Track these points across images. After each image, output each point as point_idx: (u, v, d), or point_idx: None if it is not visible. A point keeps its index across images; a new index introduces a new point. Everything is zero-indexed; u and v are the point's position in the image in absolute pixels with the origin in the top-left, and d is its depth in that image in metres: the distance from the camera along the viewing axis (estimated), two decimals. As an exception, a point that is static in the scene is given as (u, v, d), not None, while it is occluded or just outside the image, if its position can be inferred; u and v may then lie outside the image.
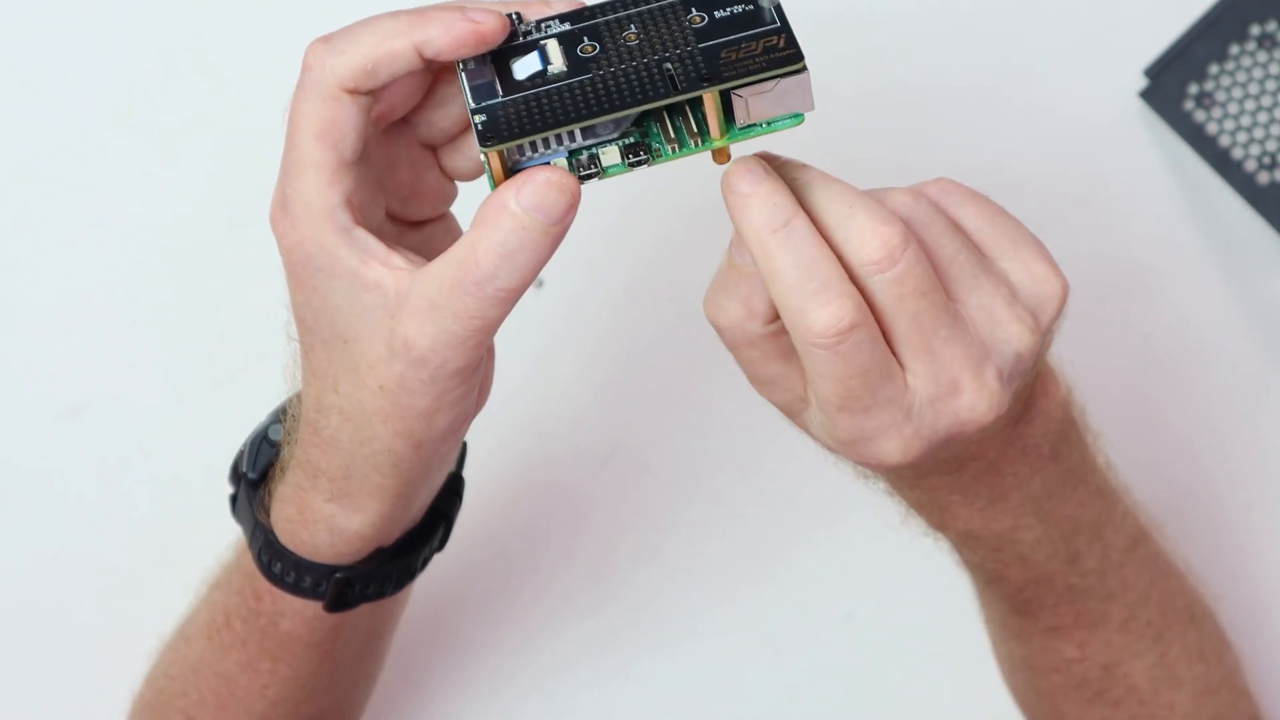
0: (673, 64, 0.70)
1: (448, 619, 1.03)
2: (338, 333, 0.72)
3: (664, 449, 1.05)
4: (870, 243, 0.68)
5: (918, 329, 0.69)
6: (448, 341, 0.70)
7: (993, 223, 0.73)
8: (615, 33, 0.71)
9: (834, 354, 0.68)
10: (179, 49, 1.07)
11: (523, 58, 0.71)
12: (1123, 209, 1.08)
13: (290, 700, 0.85)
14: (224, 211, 1.05)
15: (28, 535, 1.03)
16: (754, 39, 0.71)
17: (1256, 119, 1.07)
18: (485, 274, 0.69)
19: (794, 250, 0.68)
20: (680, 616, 1.04)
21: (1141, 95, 1.08)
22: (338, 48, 0.71)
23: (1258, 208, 1.07)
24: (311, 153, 0.71)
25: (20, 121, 1.06)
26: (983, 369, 0.70)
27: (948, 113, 1.08)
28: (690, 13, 0.71)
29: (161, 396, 1.04)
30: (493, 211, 0.69)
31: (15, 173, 1.06)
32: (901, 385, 0.69)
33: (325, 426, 0.75)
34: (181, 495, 1.02)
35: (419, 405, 0.72)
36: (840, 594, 1.05)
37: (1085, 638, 0.85)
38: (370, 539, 0.79)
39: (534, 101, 0.70)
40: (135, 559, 1.02)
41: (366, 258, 0.71)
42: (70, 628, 1.02)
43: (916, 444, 0.70)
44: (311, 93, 0.71)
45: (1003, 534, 0.80)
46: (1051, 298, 0.72)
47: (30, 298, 1.05)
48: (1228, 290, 1.08)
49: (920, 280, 0.69)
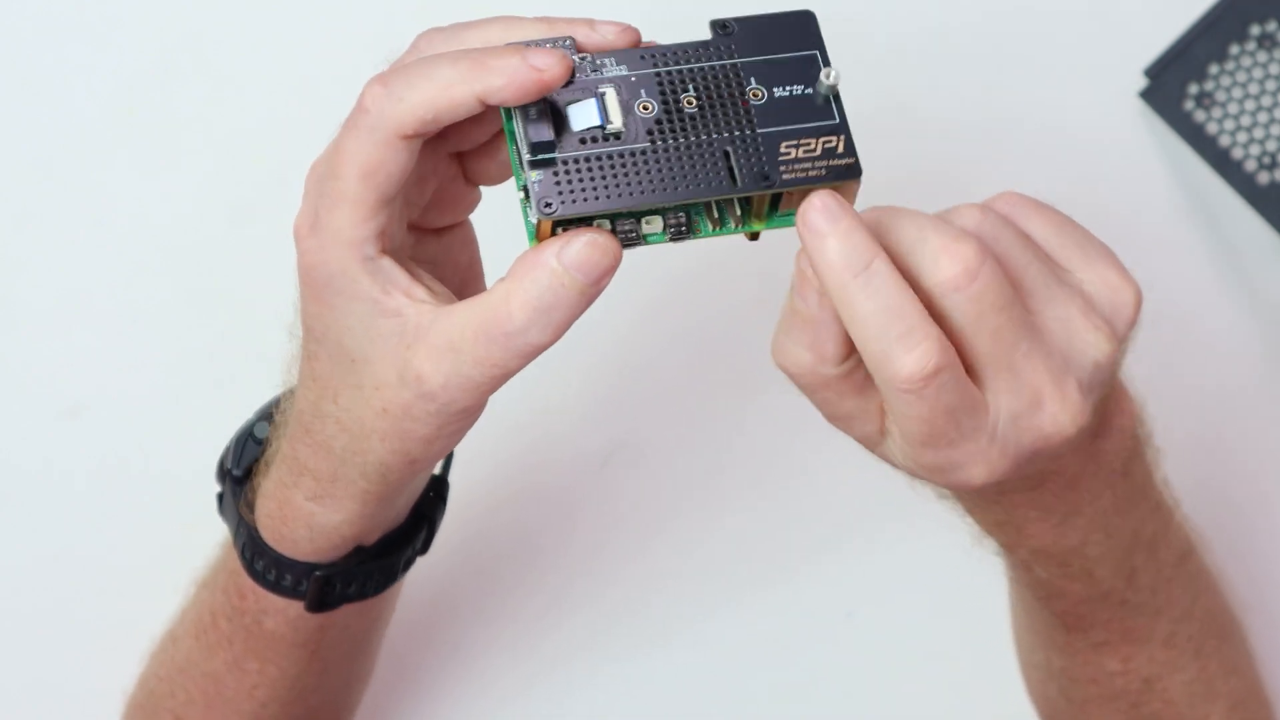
0: (733, 149, 0.70)
1: (447, 619, 1.03)
2: (346, 351, 0.72)
3: (664, 450, 1.05)
4: (945, 261, 0.68)
5: (998, 344, 0.68)
6: (461, 384, 0.70)
7: (1061, 233, 0.72)
8: (674, 91, 0.70)
9: (919, 397, 0.67)
10: (179, 49, 1.07)
11: (579, 104, 0.70)
12: (1123, 209, 1.08)
13: (279, 701, 0.85)
14: (224, 211, 1.05)
15: (28, 535, 1.03)
16: (813, 134, 0.70)
17: (1256, 119, 1.07)
18: (517, 327, 0.69)
19: (876, 295, 0.67)
20: (680, 617, 1.04)
21: (1141, 95, 1.08)
22: (396, 93, 0.69)
23: (1258, 208, 1.07)
24: (354, 189, 0.70)
25: (20, 121, 1.06)
26: (1064, 381, 0.69)
27: (947, 113, 1.08)
28: (750, 83, 0.71)
29: (161, 396, 1.04)
30: (531, 266, 0.69)
31: (15, 173, 1.06)
32: (985, 413, 0.69)
33: (319, 431, 0.75)
34: (181, 495, 1.02)
35: (420, 432, 0.72)
36: (840, 594, 1.05)
37: (1131, 652, 0.85)
38: (349, 538, 0.79)
39: (592, 167, 0.69)
40: (135, 559, 1.02)
41: (389, 287, 0.71)
42: (70, 628, 1.02)
43: (1003, 463, 0.70)
44: (365, 134, 0.69)
45: (1071, 549, 0.79)
46: (1126, 305, 0.71)
47: (30, 298, 1.05)
48: (1228, 290, 1.08)
49: (999, 295, 0.68)
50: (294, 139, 1.06)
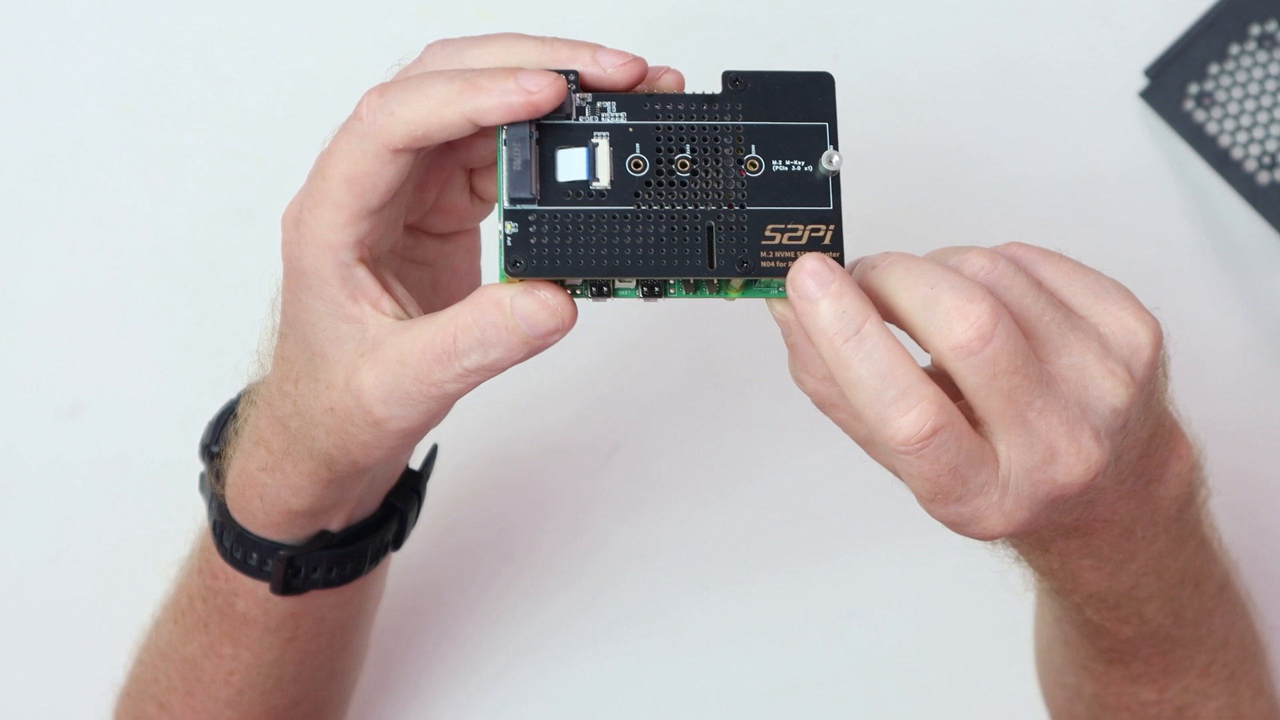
0: (716, 225, 0.69)
1: (446, 619, 1.03)
2: (309, 343, 0.73)
3: (664, 449, 1.05)
4: (960, 326, 0.67)
5: (1011, 404, 0.67)
6: (399, 399, 0.71)
7: (1072, 279, 0.71)
8: (669, 150, 0.69)
9: (919, 458, 0.67)
10: (178, 48, 1.07)
11: (569, 150, 0.69)
12: (1123, 209, 1.08)
13: (256, 689, 0.86)
14: (224, 211, 1.05)
15: (27, 534, 1.03)
16: (804, 220, 0.69)
17: (1256, 119, 1.07)
18: (458, 349, 0.69)
19: (869, 360, 0.67)
20: (680, 617, 1.04)
21: (1141, 95, 1.08)
22: (389, 107, 0.69)
23: (1258, 208, 1.07)
24: (336, 192, 0.70)
25: (20, 121, 1.06)
26: (1079, 432, 0.68)
27: (947, 113, 1.08)
28: (750, 151, 0.69)
29: (161, 396, 1.04)
30: (486, 300, 0.69)
31: (15, 172, 1.06)
32: (994, 467, 0.68)
33: (279, 407, 0.76)
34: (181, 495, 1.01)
35: (360, 438, 0.73)
36: (841, 594, 1.04)
37: (1167, 683, 0.84)
38: (298, 513, 0.79)
39: (569, 228, 0.68)
40: (135, 558, 1.02)
41: (358, 294, 0.71)
42: (69, 627, 1.02)
43: (1018, 514, 0.69)
44: (355, 141, 0.70)
45: (1124, 592, 0.78)
46: (1144, 346, 0.70)
47: (30, 298, 1.05)
48: (1228, 290, 1.08)
49: (1013, 357, 0.67)
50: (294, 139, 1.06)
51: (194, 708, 0.87)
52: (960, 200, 1.07)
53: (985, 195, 1.08)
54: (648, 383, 1.06)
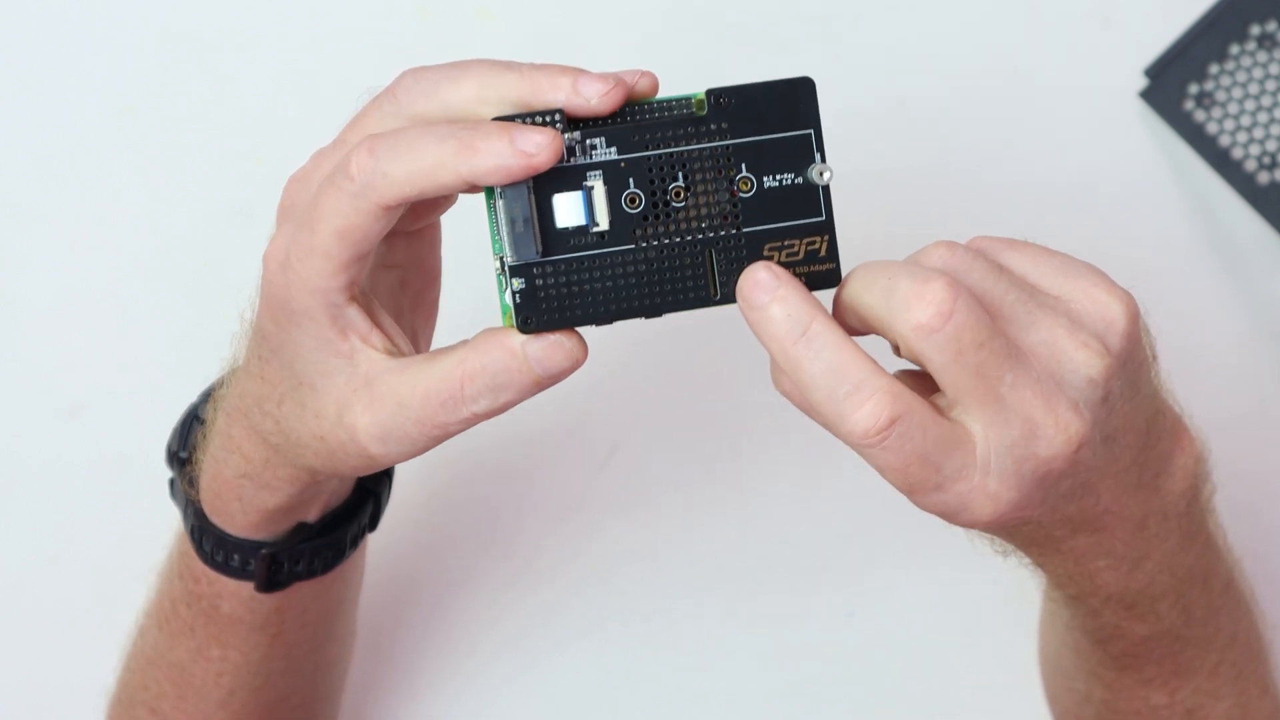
0: (715, 251, 0.69)
1: (445, 619, 1.03)
2: (295, 372, 0.73)
3: (664, 449, 1.05)
4: (917, 307, 0.67)
5: (981, 380, 0.67)
6: (398, 439, 0.71)
7: (1039, 263, 0.71)
8: (662, 179, 0.69)
9: (883, 450, 0.67)
10: (178, 48, 1.07)
11: (565, 195, 0.69)
12: (1123, 209, 1.08)
13: (246, 687, 0.86)
14: (224, 211, 1.05)
15: (27, 535, 1.03)
16: (798, 234, 0.70)
17: (1256, 119, 1.07)
18: (465, 394, 0.70)
19: (818, 358, 0.67)
20: (680, 617, 1.04)
21: (1141, 95, 1.08)
22: (383, 168, 0.69)
23: (1258, 208, 1.07)
24: (327, 244, 0.70)
25: (20, 121, 1.06)
26: (1055, 403, 0.68)
27: (947, 114, 1.08)
28: (740, 171, 0.69)
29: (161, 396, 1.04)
30: (494, 345, 0.70)
31: (14, 172, 1.06)
32: (970, 448, 0.68)
33: (258, 423, 0.76)
34: (181, 495, 1.02)
35: (350, 464, 0.74)
36: (841, 595, 1.04)
37: (1178, 685, 0.84)
38: (278, 511, 0.80)
39: (573, 277, 0.68)
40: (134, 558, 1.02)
41: (348, 330, 0.71)
42: (70, 627, 1.02)
43: (1006, 494, 0.69)
44: (348, 200, 0.69)
45: (1139, 591, 0.78)
46: (1117, 319, 0.70)
47: (30, 297, 1.05)
48: (1228, 290, 1.08)
49: (976, 331, 0.67)
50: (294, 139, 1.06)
51: (186, 711, 0.87)
52: (959, 200, 1.07)
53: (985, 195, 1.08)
54: (647, 382, 1.06)
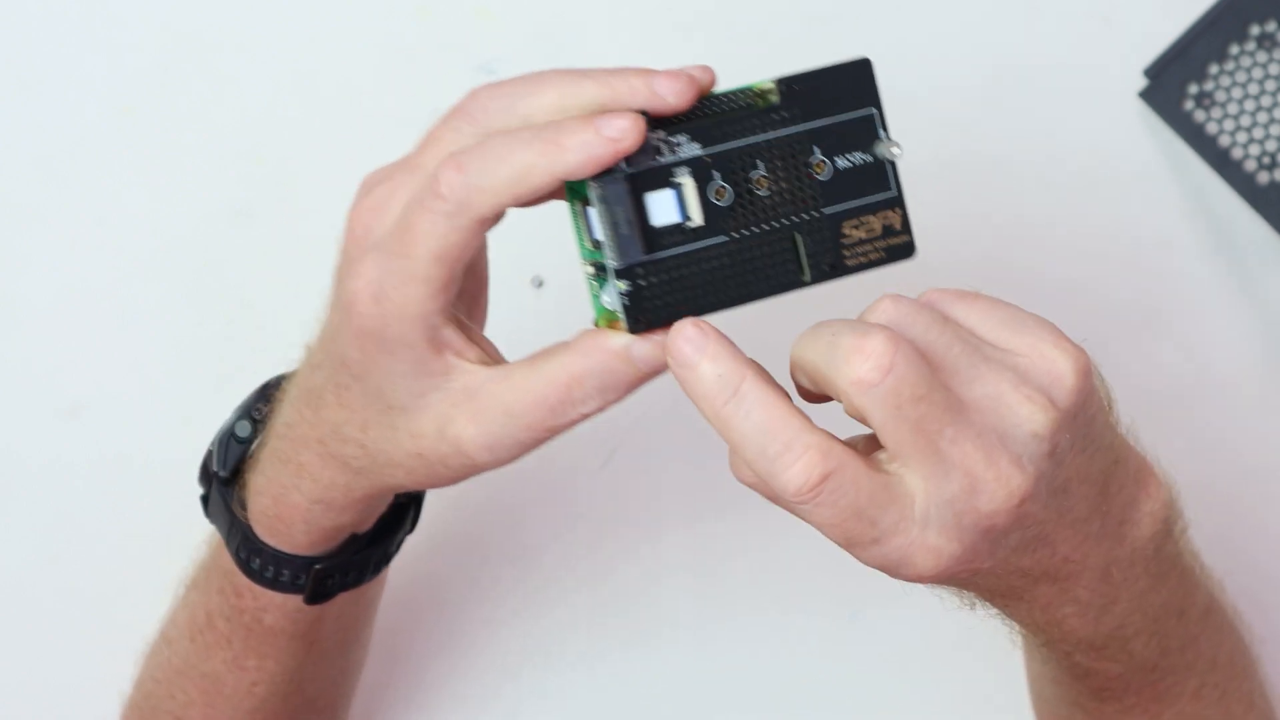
0: (801, 235, 0.70)
1: (447, 620, 1.03)
2: (384, 397, 0.73)
3: (664, 449, 1.05)
4: (856, 361, 0.66)
5: (921, 434, 0.67)
6: (508, 446, 0.72)
7: (988, 316, 0.71)
8: (745, 169, 0.70)
9: (816, 506, 0.67)
10: (178, 48, 1.07)
11: (657, 194, 0.69)
12: (1123, 209, 1.08)
13: (279, 694, 0.86)
14: (224, 211, 1.05)
15: (27, 535, 1.03)
16: (874, 210, 0.71)
17: (1256, 119, 1.07)
18: (574, 398, 0.71)
19: (748, 418, 0.67)
20: (681, 617, 1.04)
21: (1141, 95, 1.08)
22: (474, 181, 0.68)
23: (1258, 208, 1.07)
24: (426, 270, 0.70)
25: (20, 121, 1.06)
26: (996, 458, 0.68)
27: (947, 114, 1.08)
28: (814, 154, 0.71)
29: (161, 396, 1.04)
30: (598, 349, 0.70)
31: (15, 172, 1.06)
32: (907, 502, 0.68)
33: (337, 449, 0.76)
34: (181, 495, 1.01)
35: (448, 475, 0.74)
36: (843, 596, 1.04)
37: (1159, 710, 0.83)
38: (342, 529, 0.80)
39: (673, 273, 0.69)
40: (134, 559, 1.02)
41: (443, 349, 0.71)
42: (69, 628, 1.02)
43: (948, 548, 0.68)
44: (443, 220, 0.69)
45: (1109, 634, 0.77)
46: (1065, 374, 0.69)
47: (30, 297, 1.05)
48: (1228, 290, 1.08)
49: (915, 385, 0.66)
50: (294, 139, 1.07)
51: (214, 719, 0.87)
52: (959, 201, 1.07)
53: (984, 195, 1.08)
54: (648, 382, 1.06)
